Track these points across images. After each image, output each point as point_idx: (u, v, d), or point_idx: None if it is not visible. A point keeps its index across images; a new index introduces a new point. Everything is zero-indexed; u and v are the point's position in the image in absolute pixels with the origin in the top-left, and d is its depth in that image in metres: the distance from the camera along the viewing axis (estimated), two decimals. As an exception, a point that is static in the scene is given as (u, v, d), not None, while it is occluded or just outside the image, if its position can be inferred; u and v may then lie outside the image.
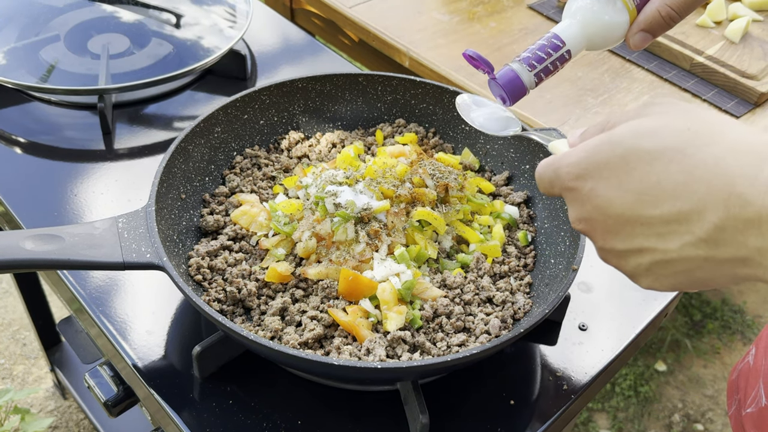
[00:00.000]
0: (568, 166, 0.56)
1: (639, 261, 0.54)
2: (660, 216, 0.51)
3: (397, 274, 0.81)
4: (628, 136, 0.53)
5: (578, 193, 0.56)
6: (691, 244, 0.50)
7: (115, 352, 0.83)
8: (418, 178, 0.90)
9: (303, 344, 0.76)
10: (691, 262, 0.51)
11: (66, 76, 1.16)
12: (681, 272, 0.53)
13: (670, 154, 0.50)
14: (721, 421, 2.10)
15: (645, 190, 0.51)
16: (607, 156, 0.53)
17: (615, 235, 0.55)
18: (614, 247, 0.55)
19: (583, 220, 0.57)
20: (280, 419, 0.77)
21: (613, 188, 0.53)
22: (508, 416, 0.79)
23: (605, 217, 0.54)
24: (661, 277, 0.54)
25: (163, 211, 0.83)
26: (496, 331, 0.79)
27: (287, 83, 1.02)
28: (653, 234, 0.52)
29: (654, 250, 0.52)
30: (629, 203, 0.52)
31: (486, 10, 1.61)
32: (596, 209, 0.55)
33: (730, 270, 0.49)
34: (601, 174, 0.54)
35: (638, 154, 0.51)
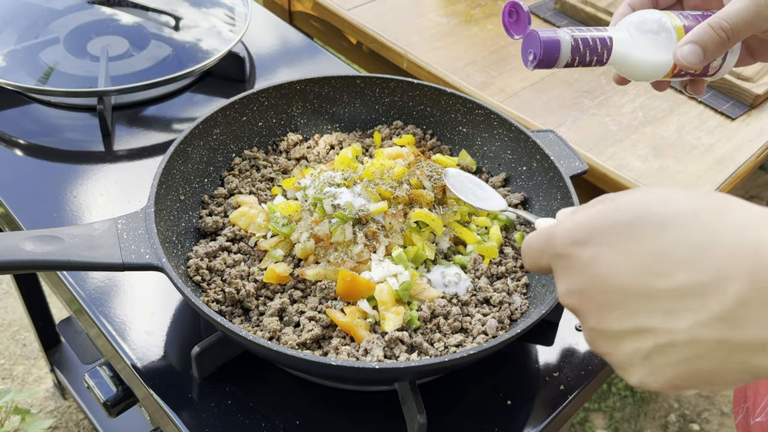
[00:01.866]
0: (564, 231, 0.49)
1: (637, 346, 0.46)
2: (672, 288, 0.43)
3: (395, 275, 0.81)
4: (637, 202, 0.46)
5: (575, 261, 0.48)
6: (704, 324, 0.42)
7: (114, 352, 0.84)
8: (416, 180, 0.90)
9: (301, 345, 0.77)
10: (701, 346, 0.43)
11: (65, 78, 1.16)
12: (685, 361, 0.44)
13: (685, 221, 0.44)
14: (717, 421, 2.11)
15: (656, 258, 0.44)
16: (612, 221, 0.47)
17: (612, 312, 0.46)
18: (610, 328, 0.47)
19: (576, 293, 0.48)
20: (279, 419, 0.77)
21: (619, 255, 0.46)
22: (506, 416, 0.79)
23: (604, 289, 0.46)
24: (659, 368, 0.45)
25: (162, 213, 0.83)
26: (493, 331, 0.80)
27: (286, 85, 1.02)
28: (660, 310, 0.44)
29: (658, 330, 0.44)
30: (636, 273, 0.45)
31: (483, 12, 1.62)
32: (595, 279, 0.47)
33: (745, 359, 0.42)
34: (604, 240, 0.47)
35: (648, 219, 0.45)
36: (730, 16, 0.68)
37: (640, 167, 1.22)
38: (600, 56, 0.72)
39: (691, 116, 1.35)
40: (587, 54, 0.71)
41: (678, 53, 0.69)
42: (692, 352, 0.43)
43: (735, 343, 0.41)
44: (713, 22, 0.68)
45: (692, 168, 1.23)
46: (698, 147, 1.28)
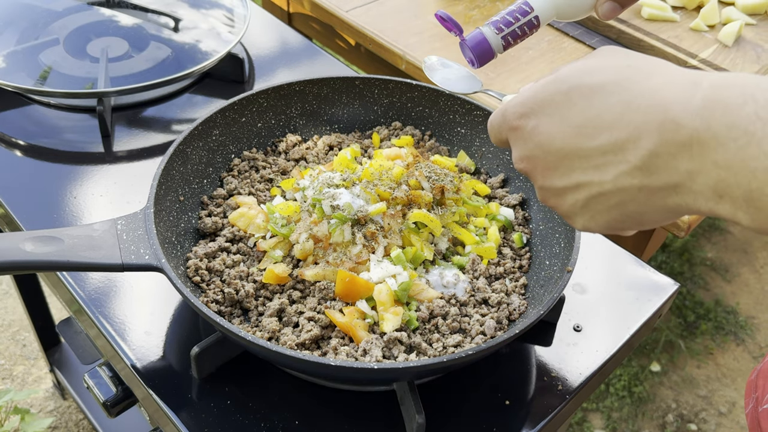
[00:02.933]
0: (514, 107, 0.57)
1: (576, 197, 0.55)
2: (597, 147, 0.51)
3: (394, 276, 0.82)
4: (572, 75, 0.54)
5: (522, 132, 0.57)
6: (626, 174, 0.50)
7: (114, 352, 0.84)
8: (415, 181, 0.91)
9: (300, 345, 0.77)
10: (626, 192, 0.51)
11: (65, 79, 1.17)
12: (615, 206, 0.53)
13: (611, 88, 0.51)
14: (715, 421, 2.11)
15: (584, 123, 0.52)
16: (551, 94, 0.54)
17: (554, 172, 0.55)
18: (553, 185, 0.56)
19: (525, 159, 0.57)
20: (278, 419, 0.77)
21: (555, 124, 0.54)
22: (504, 416, 0.79)
23: (546, 154, 0.55)
24: (596, 214, 0.55)
25: (162, 213, 0.83)
26: (491, 332, 0.80)
27: (285, 86, 1.02)
28: (590, 167, 0.52)
29: (590, 183, 0.53)
30: (569, 137, 0.53)
31: (482, 13, 1.62)
32: (538, 146, 0.55)
33: (662, 200, 0.50)
34: (544, 111, 0.55)
35: (580, 90, 0.52)
36: None
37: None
38: (531, 32, 0.79)
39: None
40: (519, 39, 0.79)
41: (600, 11, 0.77)
42: (620, 198, 0.52)
43: (653, 187, 0.49)
44: None
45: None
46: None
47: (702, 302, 2.45)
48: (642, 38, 1.49)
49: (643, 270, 0.98)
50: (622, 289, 0.95)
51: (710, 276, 2.55)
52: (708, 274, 2.56)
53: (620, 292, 0.94)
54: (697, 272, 2.56)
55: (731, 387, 2.20)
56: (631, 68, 0.51)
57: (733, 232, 2.73)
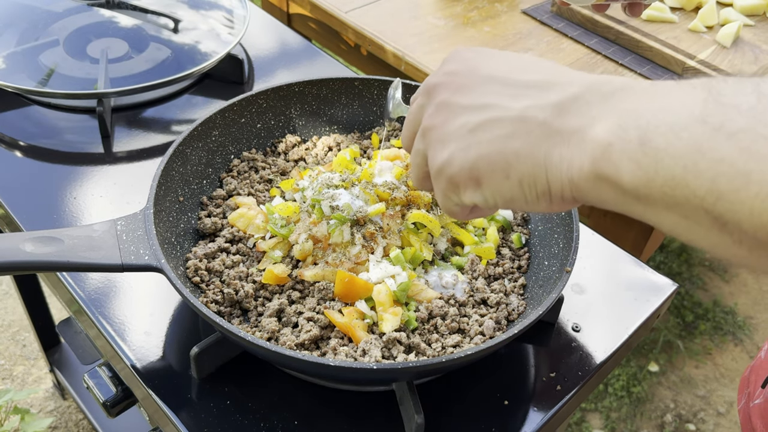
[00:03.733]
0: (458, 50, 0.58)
1: (470, 118, 0.53)
2: (525, 81, 0.51)
3: (393, 276, 0.82)
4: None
5: (459, 55, 0.57)
6: (537, 106, 0.50)
7: (113, 353, 0.84)
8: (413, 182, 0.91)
9: (299, 345, 0.77)
10: (524, 124, 0.50)
11: (65, 80, 1.17)
12: (500, 138, 0.51)
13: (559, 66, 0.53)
14: (713, 421, 2.11)
15: (524, 66, 0.53)
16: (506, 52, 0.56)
17: (467, 92, 0.54)
18: (457, 102, 0.54)
19: (447, 73, 0.56)
20: (277, 419, 0.77)
21: (495, 59, 0.55)
22: (503, 416, 0.80)
23: (470, 73, 0.54)
24: (473, 144, 0.52)
25: (162, 214, 0.84)
26: (490, 332, 0.80)
27: (284, 87, 1.03)
28: (508, 93, 0.52)
29: (497, 105, 0.52)
30: (502, 69, 0.53)
31: (480, 14, 1.63)
32: (467, 67, 0.55)
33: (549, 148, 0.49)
34: (491, 52, 0.56)
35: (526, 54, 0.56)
36: None
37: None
38: None
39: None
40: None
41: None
42: (514, 128, 0.50)
43: (552, 128, 0.49)
44: None
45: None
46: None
47: (700, 302, 2.45)
48: (640, 39, 1.50)
49: (642, 270, 0.98)
50: (621, 289, 0.95)
51: (708, 276, 2.56)
52: (706, 275, 2.56)
53: (619, 293, 0.95)
54: (696, 272, 2.57)
55: (729, 387, 2.20)
56: None
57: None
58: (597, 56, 1.51)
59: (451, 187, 0.54)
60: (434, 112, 0.55)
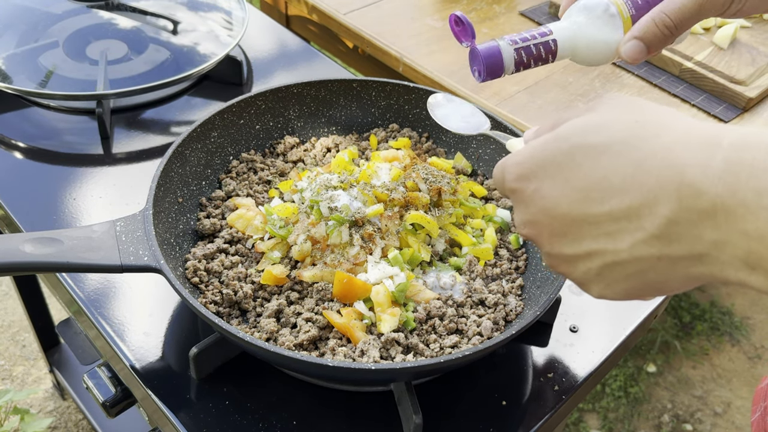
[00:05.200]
0: (513, 166, 0.53)
1: (588, 266, 0.50)
2: (608, 213, 0.47)
3: (391, 277, 0.82)
4: (575, 133, 0.49)
5: (522, 194, 0.52)
6: (642, 242, 0.46)
7: (113, 353, 0.84)
8: (412, 183, 0.91)
9: (298, 346, 0.77)
10: (644, 262, 0.47)
11: (65, 81, 1.17)
12: (633, 275, 0.48)
13: (618, 148, 0.47)
14: (710, 422, 2.12)
15: (592, 186, 0.48)
16: (553, 154, 0.50)
17: (562, 239, 0.51)
18: (562, 252, 0.52)
19: (529, 224, 0.53)
20: (276, 420, 0.78)
21: (558, 187, 0.50)
22: (501, 416, 0.80)
23: (551, 219, 0.51)
24: (612, 282, 0.50)
25: (161, 215, 0.84)
26: (488, 332, 0.80)
27: (283, 89, 1.03)
28: (602, 234, 0.48)
29: (604, 252, 0.48)
30: (575, 202, 0.49)
31: (479, 16, 1.63)
32: (541, 211, 0.51)
33: (685, 269, 0.45)
34: (546, 173, 0.50)
35: (584, 150, 0.48)
36: (673, 11, 0.67)
37: (634, 170, 1.23)
38: (545, 60, 0.74)
39: (684, 119, 1.36)
40: (531, 62, 0.73)
41: (622, 50, 0.70)
42: (637, 267, 0.47)
43: (674, 257, 0.45)
44: (657, 17, 0.68)
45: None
46: (691, 150, 1.29)
47: (697, 303, 2.46)
48: (638, 41, 1.50)
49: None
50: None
51: (706, 277, 2.56)
52: (704, 275, 2.56)
53: (616, 293, 0.95)
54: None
55: (726, 387, 2.21)
56: (639, 124, 0.47)
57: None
58: (595, 58, 1.52)
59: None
60: (552, 262, 0.54)
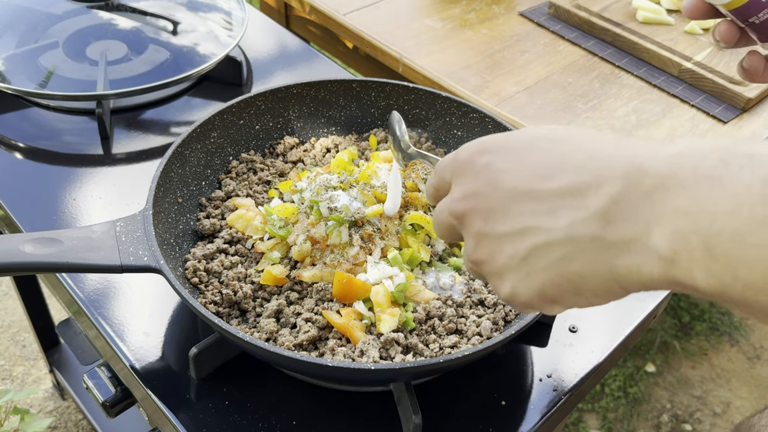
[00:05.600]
0: (468, 145, 0.53)
1: (516, 247, 0.49)
2: (555, 189, 0.47)
3: (391, 277, 0.82)
4: (539, 128, 0.51)
5: (472, 166, 0.52)
6: (581, 221, 0.45)
7: (113, 353, 0.85)
8: (411, 183, 0.91)
9: (298, 346, 0.78)
10: (576, 243, 0.46)
11: (65, 82, 1.17)
12: (557, 261, 0.47)
13: (579, 138, 0.48)
14: (709, 422, 2.12)
15: (545, 165, 0.48)
16: (514, 138, 0.51)
17: (499, 214, 0.50)
18: (493, 230, 0.50)
19: (468, 196, 0.52)
20: (276, 420, 0.78)
21: (511, 162, 0.49)
22: (500, 416, 0.80)
23: (494, 191, 0.50)
24: (532, 272, 0.49)
25: (160, 215, 0.84)
26: (487, 332, 0.80)
27: (282, 89, 1.03)
28: (543, 210, 0.47)
29: (539, 228, 0.48)
30: (524, 177, 0.48)
31: (478, 17, 1.63)
32: (488, 183, 0.50)
33: (611, 260, 0.45)
34: (503, 150, 0.50)
35: (545, 137, 0.49)
36: None
37: (633, 170, 1.23)
38: None
39: (683, 119, 1.36)
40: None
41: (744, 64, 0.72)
42: (567, 250, 0.46)
43: (606, 241, 0.44)
44: None
45: (684, 171, 1.24)
46: (690, 150, 1.29)
47: (696, 303, 2.46)
48: (637, 41, 1.50)
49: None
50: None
51: (706, 277, 2.56)
52: (703, 276, 2.56)
53: (615, 294, 0.95)
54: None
55: (726, 387, 2.21)
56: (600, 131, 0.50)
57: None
58: (594, 58, 1.52)
59: (528, 309, 0.52)
60: (475, 246, 0.52)
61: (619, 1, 1.62)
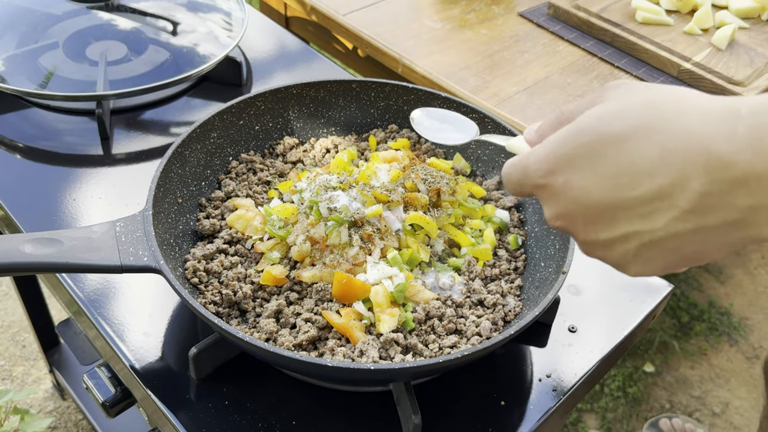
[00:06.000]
0: (536, 164, 0.54)
1: (626, 248, 0.52)
2: (640, 197, 0.48)
3: (390, 277, 0.82)
4: (594, 124, 0.51)
5: (551, 189, 0.54)
6: (677, 219, 0.47)
7: (112, 353, 0.85)
8: (411, 183, 0.92)
9: (297, 346, 0.78)
10: (680, 238, 0.48)
11: (65, 82, 1.17)
12: (670, 250, 0.50)
13: (641, 133, 0.48)
14: (708, 422, 2.12)
15: (620, 172, 0.49)
16: (575, 146, 0.51)
17: (596, 225, 0.52)
18: (597, 238, 0.53)
19: (561, 216, 0.54)
20: (275, 420, 0.78)
21: (587, 177, 0.51)
22: (499, 417, 0.80)
23: (584, 209, 0.52)
24: (649, 260, 0.52)
25: (160, 215, 0.84)
26: (486, 333, 0.81)
27: (282, 89, 1.03)
28: (636, 216, 0.49)
29: (640, 233, 0.50)
30: (606, 189, 0.50)
31: (477, 17, 1.64)
32: (573, 202, 0.52)
33: (722, 237, 0.47)
34: (572, 165, 0.52)
35: (606, 139, 0.50)
36: None
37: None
38: None
39: (682, 120, 1.36)
40: None
41: None
42: (675, 243, 0.49)
43: (709, 227, 0.47)
44: None
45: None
46: (690, 151, 1.29)
47: (696, 303, 2.46)
48: (636, 41, 1.51)
49: (637, 272, 0.99)
50: (617, 290, 0.96)
51: (704, 277, 2.57)
52: (702, 276, 2.57)
53: (614, 294, 0.95)
54: (691, 273, 2.57)
55: (725, 387, 2.21)
56: (653, 107, 0.49)
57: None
58: (593, 59, 1.52)
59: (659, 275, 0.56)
60: (588, 249, 0.56)
61: (619, 2, 1.62)
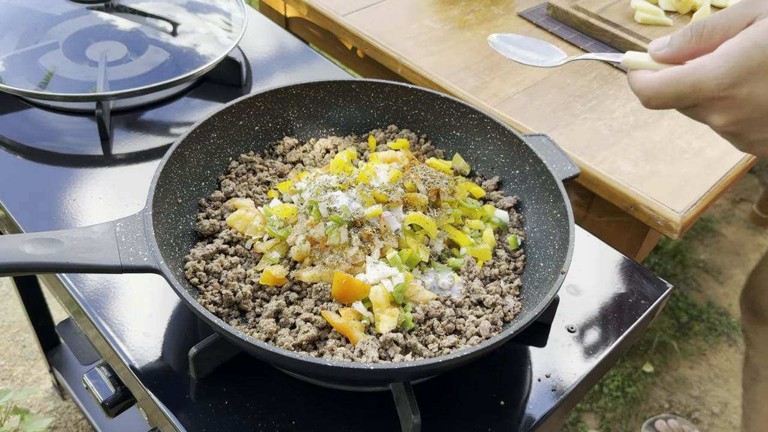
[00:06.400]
0: (717, 78, 0.60)
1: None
2: None
3: (390, 277, 0.83)
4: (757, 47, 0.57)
5: (733, 101, 0.60)
6: None
7: (112, 353, 0.85)
8: (410, 183, 0.92)
9: (297, 346, 0.78)
10: None
11: (64, 83, 1.17)
12: None
13: None
14: (707, 422, 2.12)
15: None
16: (759, 60, 0.58)
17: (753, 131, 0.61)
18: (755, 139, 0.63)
19: (738, 122, 0.62)
20: (275, 420, 0.78)
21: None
22: (499, 417, 0.80)
23: (764, 114, 0.60)
24: None
25: (160, 216, 0.84)
26: (486, 333, 0.81)
27: (282, 90, 1.03)
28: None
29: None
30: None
31: (477, 18, 1.64)
32: (757, 110, 0.60)
33: None
34: (756, 77, 0.58)
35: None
36: None
37: (631, 171, 1.24)
38: None
39: (681, 120, 1.37)
40: None
41: None
42: None
43: None
44: None
45: (682, 172, 1.25)
46: (688, 151, 1.30)
47: (695, 303, 2.46)
48: (635, 42, 1.51)
49: (637, 271, 0.99)
50: (616, 290, 0.96)
51: (703, 278, 2.57)
52: (701, 276, 2.57)
53: (614, 294, 0.95)
54: (690, 274, 2.58)
55: (724, 387, 2.21)
56: None
57: (726, 234, 2.75)
58: (592, 61, 1.52)
59: None
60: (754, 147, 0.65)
61: (618, 2, 1.62)
